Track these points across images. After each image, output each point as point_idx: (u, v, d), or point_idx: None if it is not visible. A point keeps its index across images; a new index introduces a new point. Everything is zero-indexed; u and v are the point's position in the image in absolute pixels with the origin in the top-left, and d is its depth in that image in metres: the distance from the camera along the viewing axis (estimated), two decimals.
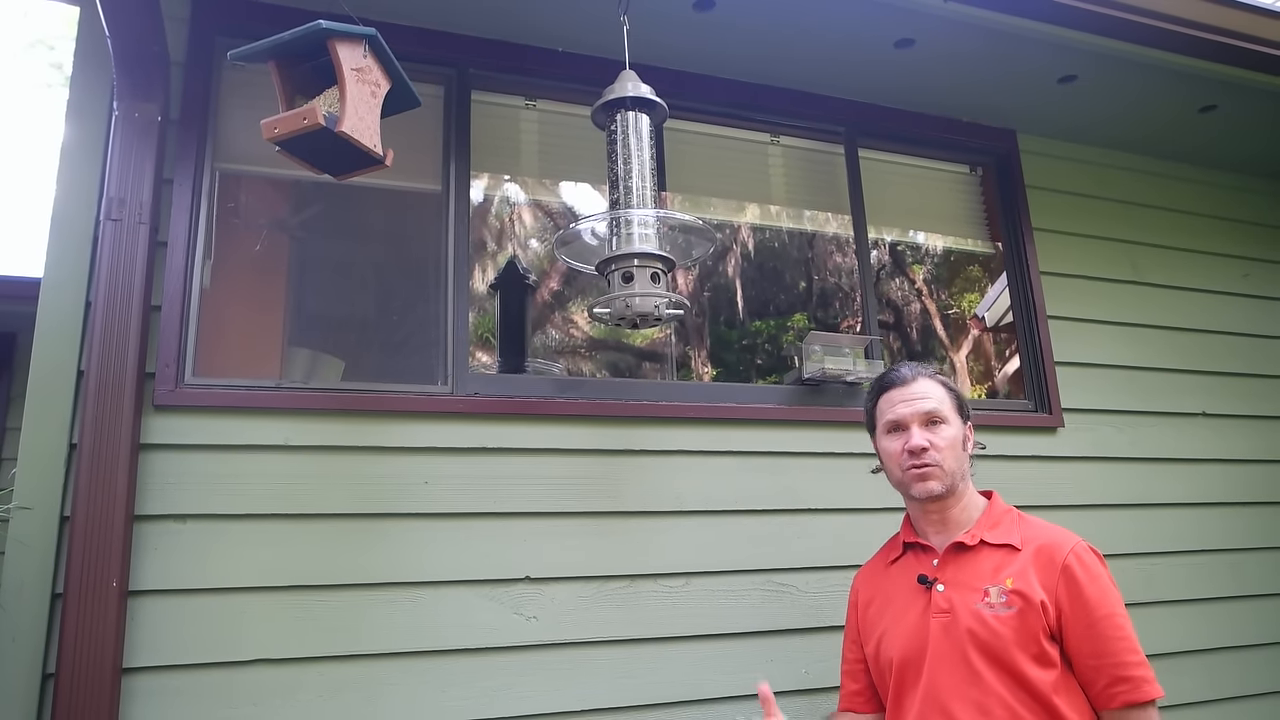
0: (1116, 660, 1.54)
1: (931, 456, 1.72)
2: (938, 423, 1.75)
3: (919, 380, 1.79)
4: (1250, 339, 3.54)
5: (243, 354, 3.02)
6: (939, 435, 1.74)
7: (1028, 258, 3.24)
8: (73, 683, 1.88)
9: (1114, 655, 1.54)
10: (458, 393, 2.41)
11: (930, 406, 1.75)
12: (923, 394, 1.77)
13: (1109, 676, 1.54)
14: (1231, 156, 3.67)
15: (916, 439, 1.73)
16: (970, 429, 1.82)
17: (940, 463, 1.72)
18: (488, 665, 2.25)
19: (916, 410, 1.76)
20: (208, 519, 2.12)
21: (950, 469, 1.72)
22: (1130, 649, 1.55)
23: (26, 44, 15.50)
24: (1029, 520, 1.73)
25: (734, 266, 5.06)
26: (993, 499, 1.79)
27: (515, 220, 4.42)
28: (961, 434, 1.77)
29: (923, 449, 1.72)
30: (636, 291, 2.09)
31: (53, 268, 2.15)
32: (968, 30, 2.74)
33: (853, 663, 1.91)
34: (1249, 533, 3.26)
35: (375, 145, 1.87)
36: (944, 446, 1.73)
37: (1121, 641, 1.56)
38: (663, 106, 2.27)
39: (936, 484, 1.72)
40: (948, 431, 1.74)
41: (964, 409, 1.81)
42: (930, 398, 1.77)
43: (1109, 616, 1.56)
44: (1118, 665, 1.54)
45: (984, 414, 2.84)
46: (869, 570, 1.94)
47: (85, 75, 2.29)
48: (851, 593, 1.97)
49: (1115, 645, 1.55)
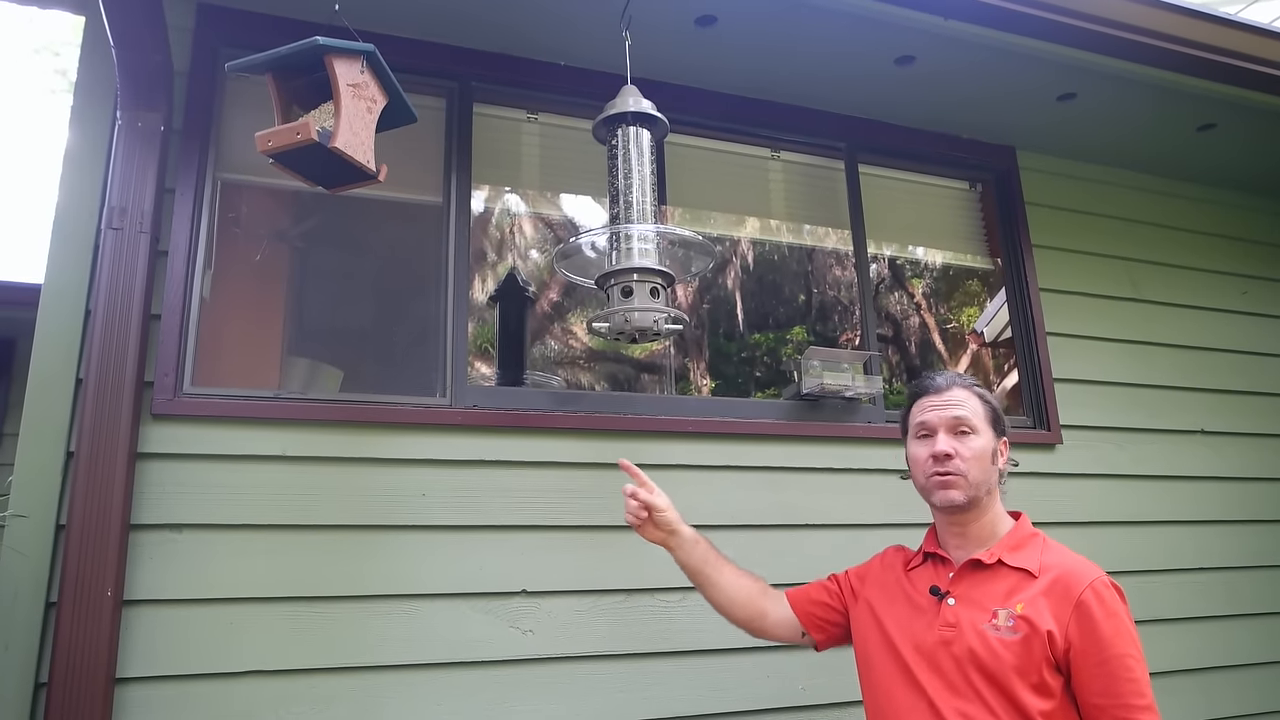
0: (1122, 703, 1.50)
1: (955, 465, 1.68)
2: (966, 432, 1.71)
3: (953, 388, 1.76)
4: (1249, 356, 3.54)
5: (241, 364, 3.02)
6: (966, 444, 1.70)
7: (1027, 274, 3.25)
8: (65, 692, 1.88)
9: (1121, 697, 1.50)
10: (456, 405, 2.41)
11: (960, 414, 1.72)
12: (954, 401, 1.73)
13: (1112, 718, 1.50)
14: (1230, 174, 3.68)
15: (941, 445, 1.70)
16: (1005, 445, 1.77)
17: (964, 472, 1.68)
18: (483, 679, 2.24)
19: (945, 416, 1.72)
20: (204, 529, 2.12)
21: (974, 480, 1.68)
22: (1138, 693, 1.50)
23: (32, 50, 15.54)
24: (1053, 546, 1.69)
25: (734, 279, 5.06)
26: (1020, 520, 1.75)
27: (515, 232, 4.43)
28: (992, 447, 1.72)
29: (947, 455, 1.69)
30: (636, 306, 2.09)
31: (53, 275, 2.15)
32: (967, 48, 2.76)
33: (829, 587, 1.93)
34: (1247, 551, 3.26)
35: (369, 161, 1.88)
36: (970, 456, 1.69)
37: (1131, 684, 1.51)
38: (664, 122, 2.28)
39: (958, 493, 1.68)
40: (976, 442, 1.70)
41: (999, 422, 1.76)
42: (962, 405, 1.73)
43: (1121, 657, 1.52)
44: (1123, 708, 1.49)
45: None
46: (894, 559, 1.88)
47: (89, 83, 2.30)
48: (879, 558, 1.92)
49: (1124, 687, 1.50)
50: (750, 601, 1.90)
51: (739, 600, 1.90)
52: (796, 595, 1.93)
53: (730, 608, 1.90)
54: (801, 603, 1.92)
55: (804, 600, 1.92)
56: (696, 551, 1.88)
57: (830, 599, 1.91)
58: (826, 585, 1.94)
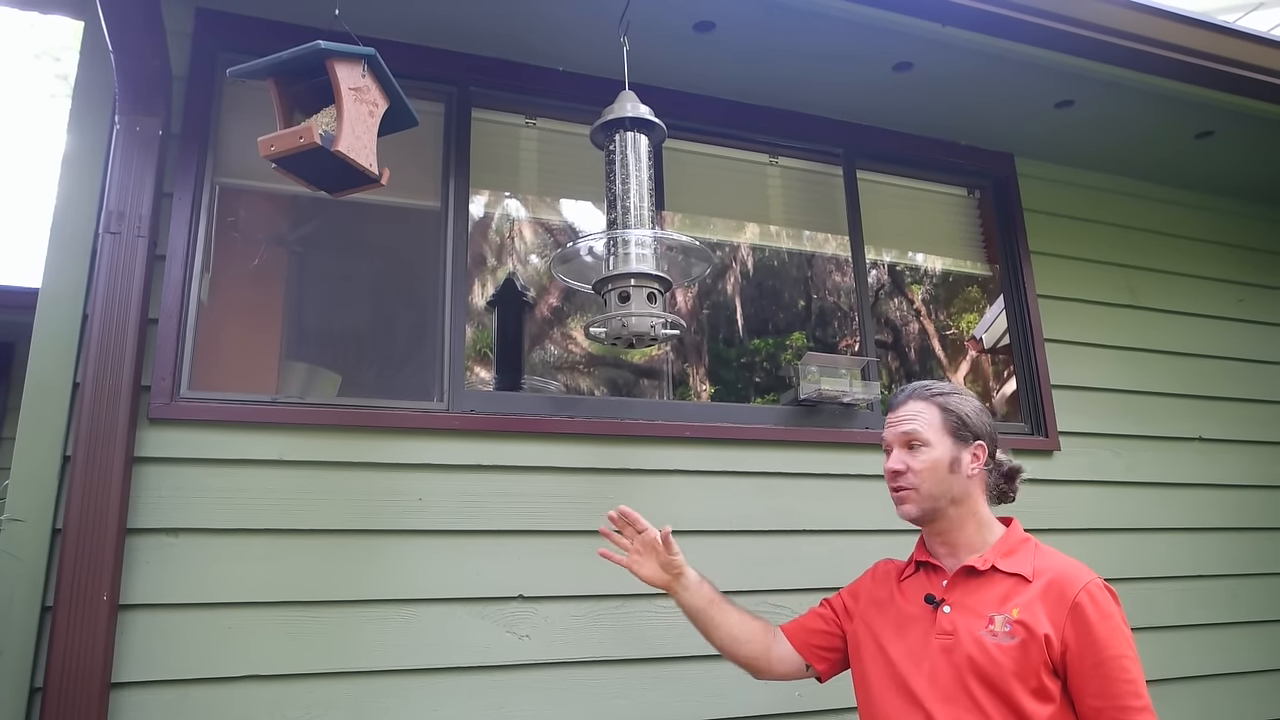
0: (1119, 704, 1.50)
1: (906, 479, 1.71)
2: (916, 445, 1.72)
3: (909, 402, 1.77)
4: (1246, 364, 3.54)
5: (239, 368, 3.02)
6: (916, 458, 1.71)
7: (1025, 281, 3.25)
8: (61, 697, 1.87)
9: (1118, 698, 1.51)
10: (454, 409, 2.40)
11: (907, 428, 1.73)
12: (906, 416, 1.75)
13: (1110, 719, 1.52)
14: (1228, 182, 3.69)
15: (892, 461, 1.74)
16: (980, 450, 1.74)
17: (915, 485, 1.70)
18: (479, 684, 2.24)
19: (896, 433, 1.76)
20: (200, 533, 2.12)
21: (927, 492, 1.69)
22: (1135, 693, 1.51)
23: (33, 55, 15.57)
24: (1045, 551, 1.70)
25: (733, 285, 5.06)
26: (1011, 525, 1.75)
27: (514, 236, 4.43)
28: (950, 456, 1.71)
29: (896, 472, 1.73)
30: (633, 311, 2.09)
31: (51, 279, 2.15)
32: (965, 54, 2.76)
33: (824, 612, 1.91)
34: (1244, 558, 3.26)
35: (371, 164, 1.88)
36: (920, 469, 1.70)
37: (1128, 685, 1.51)
38: (661, 127, 2.28)
39: (911, 507, 1.71)
40: (927, 454, 1.71)
41: (962, 429, 1.73)
42: (913, 419, 1.73)
43: (1117, 658, 1.52)
44: (1121, 709, 1.50)
45: None
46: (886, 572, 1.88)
47: (87, 88, 2.31)
48: (869, 573, 1.92)
49: (1120, 688, 1.51)
50: (754, 639, 1.87)
51: (742, 638, 1.86)
52: (793, 629, 1.91)
53: (734, 645, 1.87)
54: (799, 635, 1.89)
55: (801, 632, 1.90)
56: (703, 591, 1.86)
57: (826, 625, 1.89)
58: (821, 612, 1.92)
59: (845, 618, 1.88)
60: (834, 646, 1.87)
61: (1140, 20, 2.71)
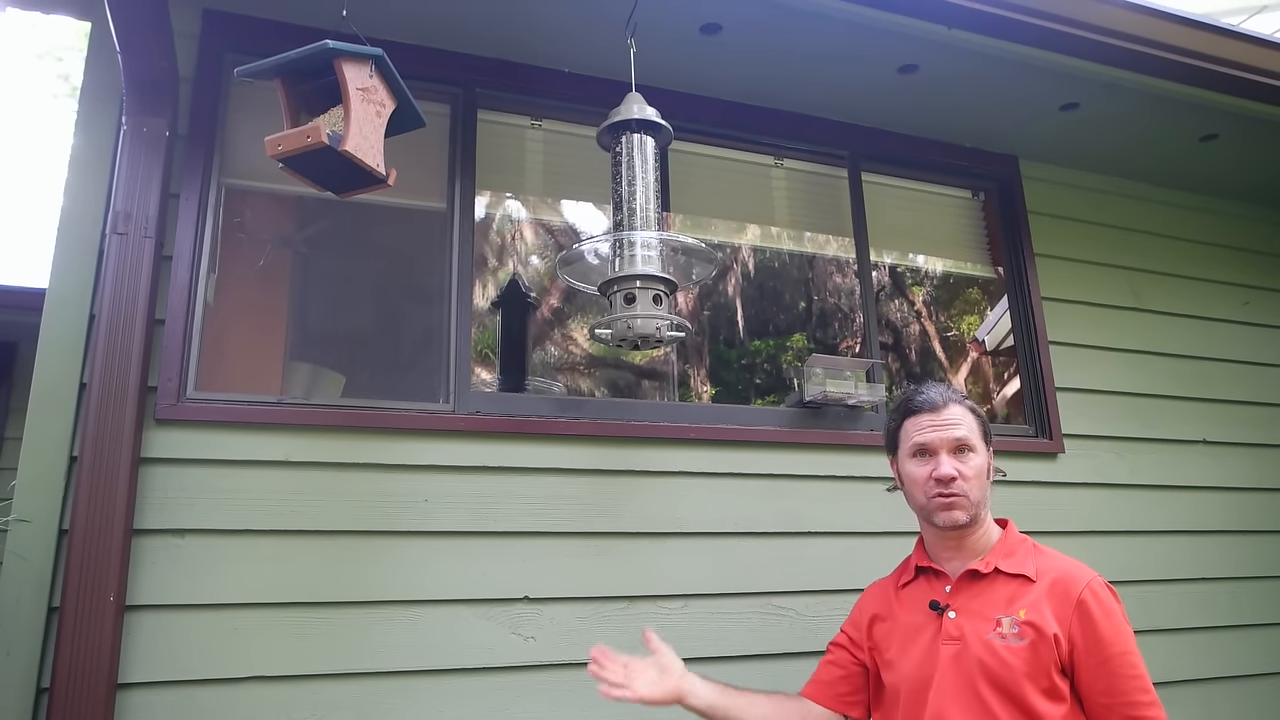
0: (1128, 700, 1.52)
1: (959, 486, 1.68)
2: (966, 451, 1.71)
3: (950, 406, 1.74)
4: (1250, 367, 3.54)
5: (245, 369, 3.02)
6: (967, 464, 1.70)
7: (1029, 283, 3.25)
8: (67, 697, 1.87)
9: (1126, 694, 1.52)
10: (459, 411, 2.40)
11: (961, 434, 1.71)
12: (954, 420, 1.72)
13: (1120, 716, 1.52)
14: (1232, 185, 3.69)
15: (945, 467, 1.69)
16: (992, 455, 1.77)
17: (967, 492, 1.68)
18: (484, 685, 2.24)
19: (946, 437, 1.71)
20: (207, 534, 2.12)
21: (975, 499, 1.69)
22: (1142, 688, 1.53)
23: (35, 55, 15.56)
24: (1044, 551, 1.71)
25: (734, 286, 5.06)
26: (1008, 527, 1.76)
27: (518, 238, 4.43)
28: (987, 462, 1.73)
29: (951, 478, 1.68)
30: (639, 313, 2.09)
31: (57, 279, 2.15)
32: (970, 57, 2.76)
33: (836, 657, 1.89)
34: (1247, 562, 3.26)
35: (378, 165, 1.88)
36: (971, 476, 1.69)
37: (1134, 680, 1.53)
38: (668, 129, 2.28)
39: (962, 514, 1.68)
40: (976, 461, 1.71)
41: (989, 436, 1.77)
42: (961, 425, 1.72)
43: (1123, 654, 1.54)
44: (1129, 705, 1.52)
45: None
46: (880, 588, 1.90)
47: (94, 89, 2.31)
48: (861, 600, 1.92)
49: (1128, 684, 1.53)
50: (788, 715, 1.82)
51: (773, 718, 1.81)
52: (814, 691, 1.87)
53: None
54: (822, 693, 1.86)
55: (822, 689, 1.87)
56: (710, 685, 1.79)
57: (843, 670, 1.87)
58: (831, 660, 1.90)
59: (857, 649, 1.87)
60: (858, 687, 1.85)
61: (1145, 23, 2.71)
